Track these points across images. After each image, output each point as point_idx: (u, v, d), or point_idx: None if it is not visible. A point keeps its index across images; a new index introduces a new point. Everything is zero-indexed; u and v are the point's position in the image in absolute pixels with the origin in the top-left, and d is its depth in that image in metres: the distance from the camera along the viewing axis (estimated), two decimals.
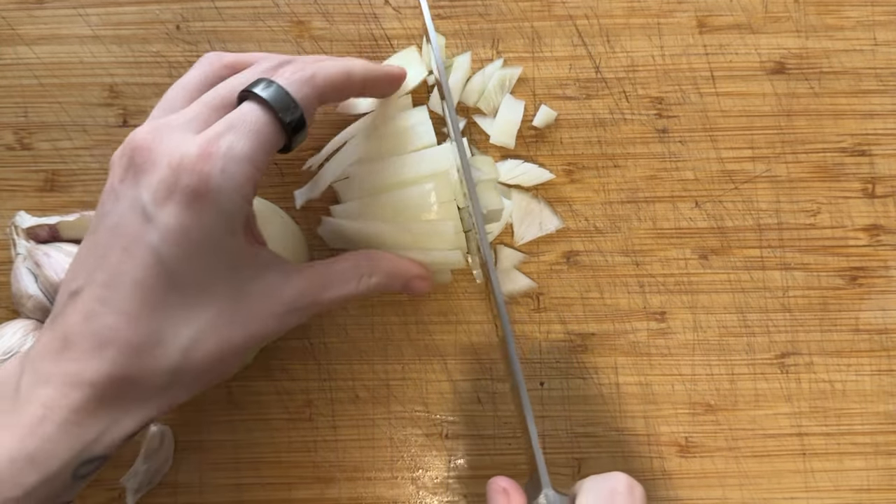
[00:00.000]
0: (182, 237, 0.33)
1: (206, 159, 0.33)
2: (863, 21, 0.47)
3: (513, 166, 0.46)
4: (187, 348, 0.34)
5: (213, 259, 0.34)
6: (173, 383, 0.34)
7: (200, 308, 0.34)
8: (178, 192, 0.32)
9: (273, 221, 0.44)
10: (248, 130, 0.34)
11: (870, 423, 0.46)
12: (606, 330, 0.46)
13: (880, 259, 0.46)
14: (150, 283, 0.33)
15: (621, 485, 0.35)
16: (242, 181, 0.33)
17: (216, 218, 0.33)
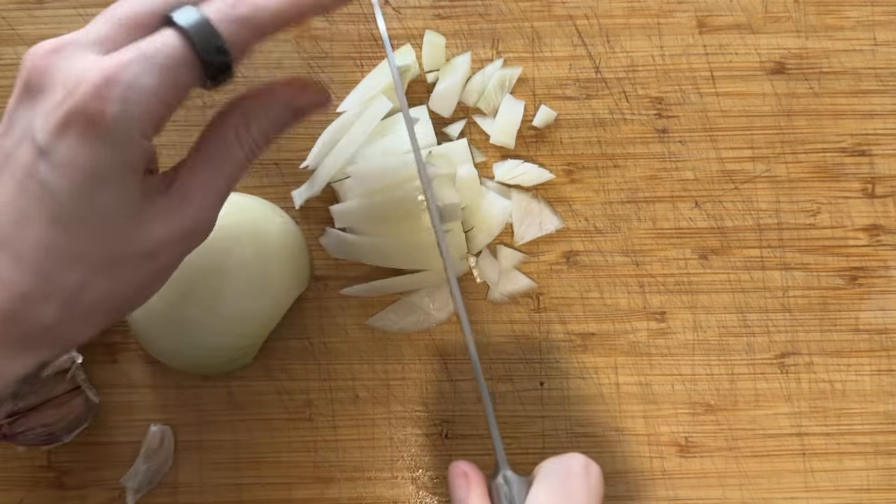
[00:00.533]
0: (75, 172, 0.29)
1: (106, 87, 0.29)
2: (863, 21, 0.47)
3: (513, 166, 0.46)
4: (75, 292, 0.31)
5: (106, 198, 0.30)
6: (62, 326, 0.31)
7: (90, 249, 0.31)
8: (73, 121, 0.29)
9: (273, 222, 0.44)
10: (159, 63, 0.30)
11: (870, 423, 0.46)
12: (606, 330, 0.46)
13: (880, 259, 0.46)
14: (40, 222, 0.30)
15: (577, 465, 0.35)
16: (143, 117, 0.30)
17: (111, 153, 0.30)
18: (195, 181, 0.33)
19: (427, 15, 0.47)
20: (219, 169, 0.33)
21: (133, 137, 0.30)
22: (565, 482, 0.35)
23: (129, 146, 0.30)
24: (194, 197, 0.32)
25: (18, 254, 0.30)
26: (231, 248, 0.42)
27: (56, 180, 0.29)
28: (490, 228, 0.46)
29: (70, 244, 0.30)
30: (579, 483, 0.34)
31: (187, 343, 0.42)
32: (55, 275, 0.30)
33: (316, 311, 0.46)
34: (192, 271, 0.41)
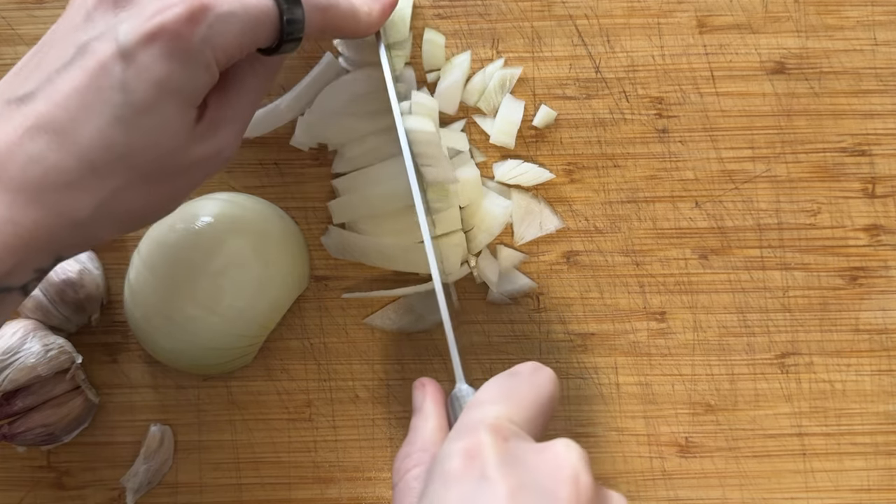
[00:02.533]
0: (150, 80, 0.31)
1: (201, 12, 0.32)
2: (863, 21, 0.47)
3: (512, 166, 0.46)
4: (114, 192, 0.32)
5: (168, 112, 0.32)
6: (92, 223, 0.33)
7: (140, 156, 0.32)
8: (162, 35, 0.31)
9: (273, 222, 0.44)
10: (250, 11, 0.33)
11: (870, 423, 0.46)
12: (606, 330, 0.46)
13: (880, 259, 0.46)
14: (103, 117, 0.31)
15: (525, 367, 0.35)
16: (223, 51, 0.33)
17: (187, 73, 0.32)
18: (225, 112, 0.35)
19: (427, 15, 0.47)
20: (244, 98, 0.36)
21: (209, 65, 0.33)
22: (509, 379, 0.34)
23: (203, 72, 0.32)
24: (225, 125, 0.35)
25: (73, 142, 0.31)
26: (231, 248, 0.42)
27: (132, 82, 0.31)
28: (490, 228, 0.46)
29: (125, 145, 0.32)
30: (523, 380, 0.34)
31: (187, 343, 0.42)
32: (103, 171, 0.32)
33: (316, 311, 0.46)
34: (192, 271, 0.41)
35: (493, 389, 0.34)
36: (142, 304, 0.42)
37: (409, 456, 0.35)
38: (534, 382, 0.34)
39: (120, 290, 0.45)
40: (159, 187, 0.34)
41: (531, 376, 0.34)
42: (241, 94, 0.36)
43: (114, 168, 0.32)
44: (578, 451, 0.31)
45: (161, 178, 0.34)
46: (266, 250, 0.43)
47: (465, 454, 0.30)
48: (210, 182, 0.46)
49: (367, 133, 0.45)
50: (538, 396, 0.34)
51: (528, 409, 0.33)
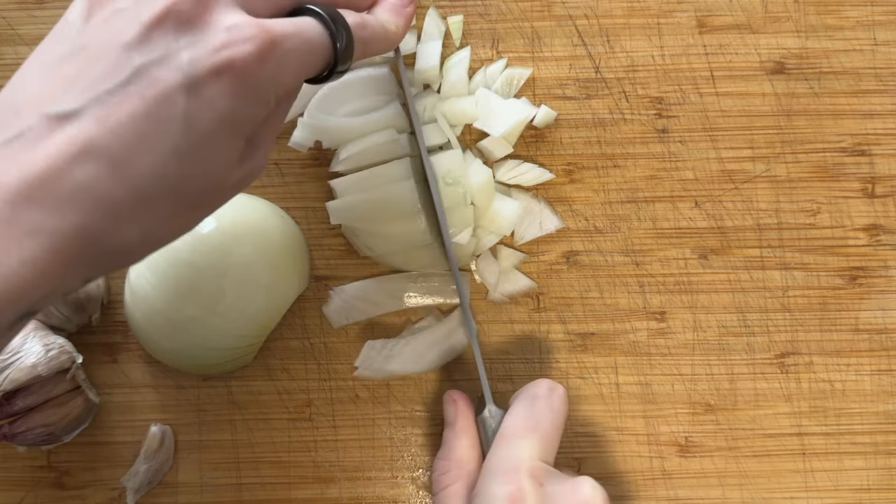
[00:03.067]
0: (214, 114, 0.30)
1: (270, 48, 0.31)
2: (863, 21, 0.47)
3: (512, 166, 0.46)
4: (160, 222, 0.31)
5: (226, 145, 0.31)
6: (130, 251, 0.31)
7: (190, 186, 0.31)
8: (231, 69, 0.30)
9: (273, 222, 0.44)
10: (309, 44, 0.33)
11: (870, 423, 0.46)
12: (606, 330, 0.46)
13: (880, 259, 0.46)
14: (161, 148, 0.30)
15: (542, 389, 0.40)
16: (284, 86, 0.32)
17: (249, 109, 0.31)
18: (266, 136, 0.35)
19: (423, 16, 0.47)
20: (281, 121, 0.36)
21: (270, 101, 0.32)
22: (532, 406, 0.39)
23: (264, 107, 0.32)
24: (264, 147, 0.35)
25: (127, 172, 0.29)
26: (231, 248, 0.42)
27: (196, 114, 0.30)
28: (500, 229, 0.45)
29: (178, 177, 0.30)
30: (544, 405, 0.39)
31: (187, 343, 0.42)
32: (153, 204, 0.30)
33: (316, 311, 0.46)
34: (192, 271, 0.41)
35: (520, 420, 0.39)
36: (142, 304, 0.42)
37: (449, 472, 0.40)
38: (553, 406, 0.39)
39: (120, 290, 0.45)
40: (199, 212, 0.33)
41: (549, 399, 0.40)
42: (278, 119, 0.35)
43: (165, 199, 0.31)
44: (601, 493, 0.37)
45: (204, 205, 0.33)
46: (266, 250, 0.43)
47: (510, 499, 0.36)
48: None
49: (364, 134, 0.45)
50: (558, 421, 0.39)
51: (552, 436, 0.39)
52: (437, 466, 0.41)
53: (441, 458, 0.41)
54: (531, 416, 0.39)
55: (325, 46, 0.34)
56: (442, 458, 0.41)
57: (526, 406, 0.39)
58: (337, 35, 0.34)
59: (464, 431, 0.42)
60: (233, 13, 0.31)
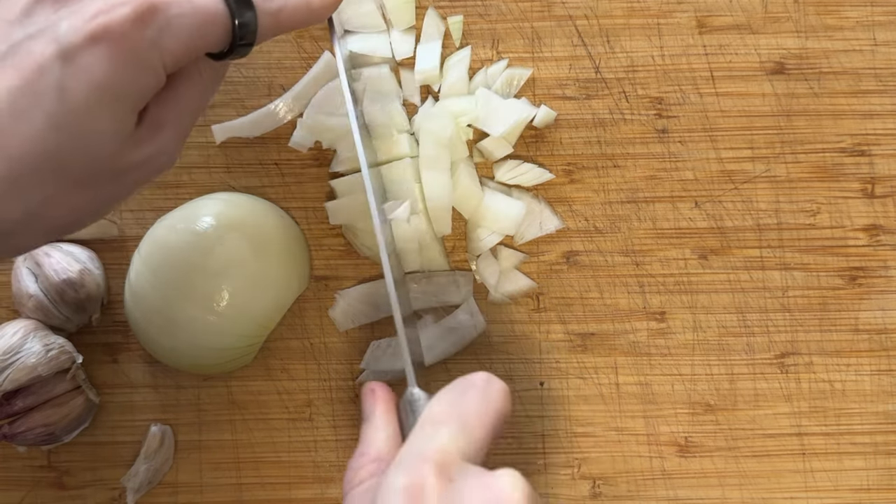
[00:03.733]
0: (92, 84, 0.29)
1: (149, 13, 0.30)
2: (863, 21, 0.47)
3: (512, 166, 0.46)
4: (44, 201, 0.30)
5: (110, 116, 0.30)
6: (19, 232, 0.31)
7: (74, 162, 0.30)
8: (107, 36, 0.29)
9: (273, 222, 0.44)
10: (200, 12, 0.32)
11: (870, 423, 0.46)
12: (606, 330, 0.46)
13: (880, 259, 0.46)
14: (37, 122, 0.29)
15: (478, 379, 0.34)
16: (172, 53, 0.31)
17: (132, 76, 0.30)
18: (166, 116, 0.33)
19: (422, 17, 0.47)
20: (187, 103, 0.34)
21: (156, 69, 0.31)
22: (462, 393, 0.34)
23: (149, 76, 0.31)
24: (165, 130, 0.33)
25: (6, 144, 0.29)
26: (231, 248, 0.42)
27: (72, 85, 0.29)
28: (502, 230, 0.45)
29: (58, 151, 0.30)
30: (476, 395, 0.33)
31: (187, 343, 0.42)
32: (33, 179, 0.30)
33: (316, 311, 0.46)
34: (192, 271, 0.41)
35: (445, 405, 0.33)
36: (142, 303, 0.42)
37: (363, 468, 0.35)
38: (486, 397, 0.34)
39: (120, 290, 0.45)
40: (90, 193, 0.32)
41: (484, 390, 0.34)
42: (184, 98, 0.34)
43: (45, 175, 0.30)
44: (523, 489, 0.30)
45: (93, 184, 0.32)
46: (266, 250, 0.43)
47: (408, 494, 0.30)
48: (210, 182, 0.46)
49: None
50: (489, 413, 0.33)
51: (479, 429, 0.33)
52: (351, 464, 0.36)
53: (357, 454, 0.36)
54: (457, 403, 0.33)
55: (222, 18, 0.32)
56: (357, 454, 0.36)
57: (453, 393, 0.34)
58: (234, 10, 0.33)
59: (382, 423, 0.37)
60: None
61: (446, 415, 0.33)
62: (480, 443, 0.32)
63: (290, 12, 0.35)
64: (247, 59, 0.45)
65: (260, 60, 0.47)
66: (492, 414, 0.33)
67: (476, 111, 0.45)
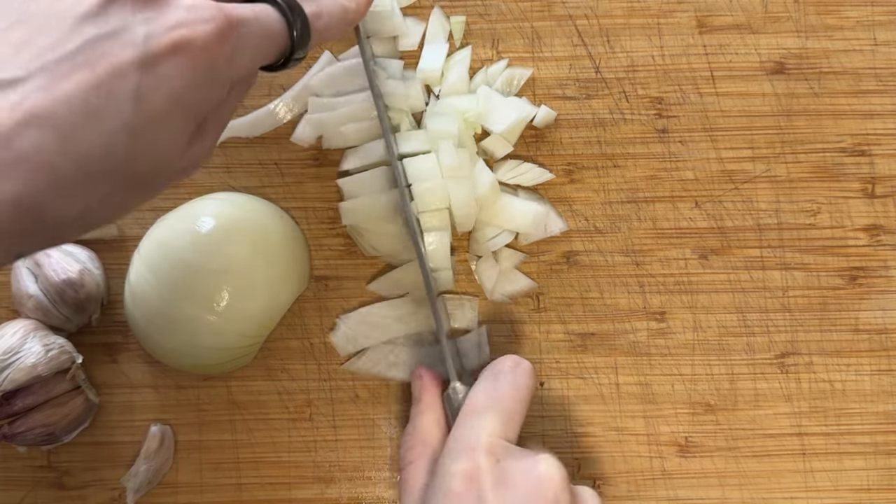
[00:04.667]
0: (168, 92, 0.29)
1: (228, 29, 0.31)
2: (863, 21, 0.47)
3: (512, 166, 0.46)
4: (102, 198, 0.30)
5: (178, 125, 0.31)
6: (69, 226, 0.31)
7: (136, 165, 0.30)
8: (188, 48, 0.29)
9: (273, 222, 0.44)
10: (267, 30, 0.33)
11: (870, 423, 0.46)
12: (606, 330, 0.46)
13: (880, 259, 0.46)
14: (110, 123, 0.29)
15: (506, 365, 0.40)
16: (242, 69, 0.32)
17: (205, 89, 0.31)
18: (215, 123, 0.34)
19: (427, 15, 0.47)
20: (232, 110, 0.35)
21: (226, 82, 0.32)
22: (494, 382, 0.39)
23: (219, 89, 0.32)
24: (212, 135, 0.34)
25: (74, 145, 0.28)
26: (231, 248, 0.42)
27: (149, 91, 0.29)
28: (517, 229, 0.45)
29: (125, 154, 0.30)
30: (506, 381, 0.39)
31: (187, 343, 0.42)
32: (98, 178, 0.29)
33: (316, 311, 0.46)
34: (192, 271, 0.41)
35: (481, 396, 0.39)
36: (142, 303, 0.42)
37: (412, 448, 0.40)
38: (516, 382, 0.39)
39: (120, 290, 0.45)
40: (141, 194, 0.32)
41: (513, 375, 0.40)
42: (230, 107, 0.35)
43: (110, 175, 0.30)
44: (559, 471, 0.36)
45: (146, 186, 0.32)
46: (266, 250, 0.43)
47: (466, 477, 0.36)
48: (210, 182, 0.46)
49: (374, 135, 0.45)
50: (520, 395, 0.39)
51: (514, 412, 0.39)
52: (403, 442, 0.41)
53: (406, 433, 0.41)
54: (492, 392, 0.39)
55: (282, 34, 0.34)
56: (407, 433, 0.41)
57: (488, 382, 0.39)
58: (293, 23, 0.34)
59: (428, 408, 0.42)
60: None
61: (484, 404, 0.39)
62: (517, 423, 0.39)
63: (331, 22, 0.37)
64: None
65: None
66: (523, 395, 0.39)
67: (478, 108, 0.45)
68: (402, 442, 0.41)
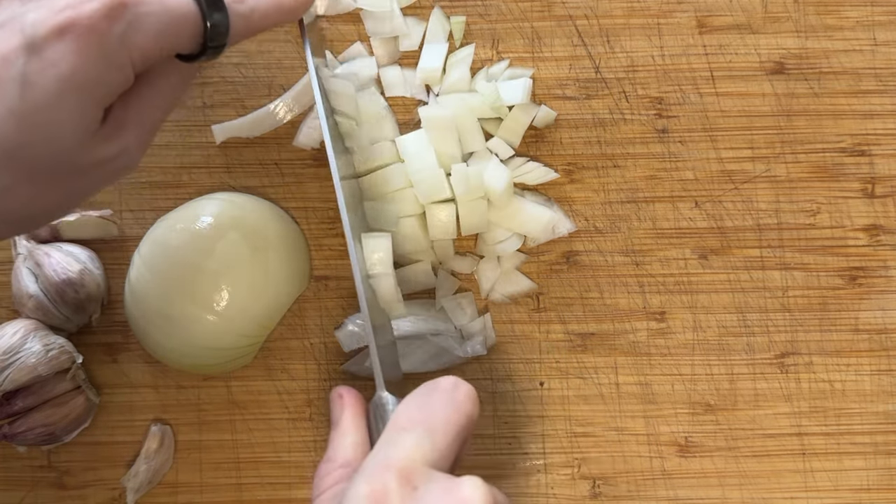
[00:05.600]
0: (58, 76, 0.29)
1: (118, 7, 0.30)
2: (862, 21, 0.47)
3: (517, 164, 0.46)
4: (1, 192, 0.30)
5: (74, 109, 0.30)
6: None
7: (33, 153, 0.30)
8: (75, 28, 0.29)
9: (273, 222, 0.44)
10: (171, 11, 0.32)
11: (869, 423, 0.46)
12: (606, 330, 0.46)
13: (880, 259, 0.46)
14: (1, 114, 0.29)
15: (445, 382, 0.35)
16: (141, 49, 0.31)
17: (99, 71, 0.30)
18: (132, 115, 0.33)
19: (427, 15, 0.47)
20: (155, 102, 0.34)
21: (124, 64, 0.31)
22: (429, 396, 0.34)
23: (117, 72, 0.31)
24: (131, 129, 0.33)
25: None
26: (231, 248, 0.42)
27: (36, 76, 0.29)
28: (529, 233, 0.45)
29: (17, 141, 0.29)
30: (442, 400, 0.34)
31: (187, 343, 0.42)
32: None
33: (316, 311, 0.46)
34: (192, 271, 0.42)
35: (412, 410, 0.34)
36: (142, 303, 0.42)
37: (330, 474, 0.35)
38: (453, 402, 0.34)
39: (120, 290, 0.45)
40: (51, 188, 0.32)
41: (451, 394, 0.34)
42: (151, 97, 0.34)
43: (3, 165, 0.29)
44: (484, 496, 0.30)
45: (53, 179, 0.31)
46: (266, 250, 0.43)
47: (372, 500, 0.30)
48: (210, 182, 0.46)
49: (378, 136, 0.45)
50: (456, 418, 0.33)
51: (444, 435, 0.33)
52: (319, 469, 0.36)
53: (324, 460, 0.36)
54: (424, 407, 0.34)
55: (193, 18, 0.32)
56: (325, 460, 0.36)
57: (422, 396, 0.34)
58: (206, 8, 0.33)
59: (348, 430, 0.37)
60: None
61: (412, 420, 0.33)
62: (447, 449, 0.32)
63: (261, 13, 0.35)
64: (247, 58, 0.45)
65: (260, 60, 0.47)
66: (458, 419, 0.33)
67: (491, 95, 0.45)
68: (319, 469, 0.36)
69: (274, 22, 0.37)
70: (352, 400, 0.38)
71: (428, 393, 0.34)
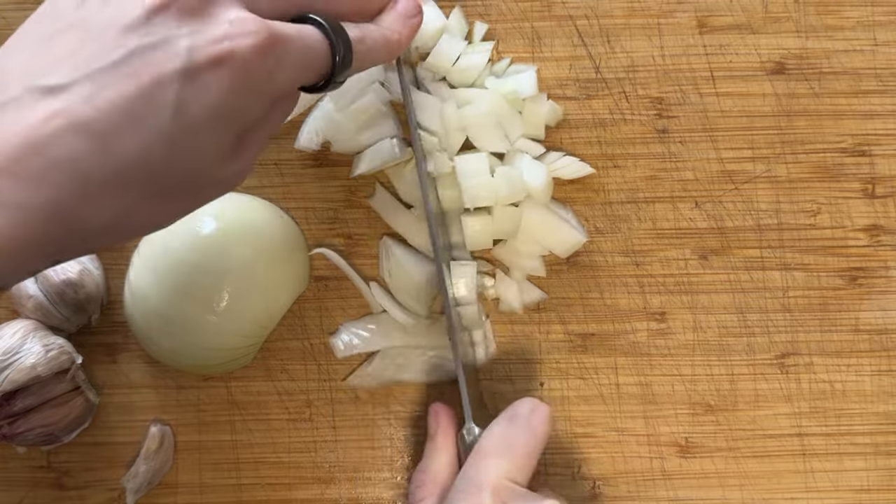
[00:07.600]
0: (209, 104, 0.30)
1: (271, 45, 0.31)
2: (863, 21, 0.47)
3: (554, 158, 0.45)
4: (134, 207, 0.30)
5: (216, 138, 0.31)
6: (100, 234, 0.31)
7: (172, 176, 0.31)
8: (230, 61, 0.30)
9: (273, 222, 0.44)
10: (309, 50, 0.33)
11: (870, 424, 0.46)
12: (606, 330, 0.46)
13: (880, 259, 0.46)
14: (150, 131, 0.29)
15: (523, 408, 0.40)
16: (282, 86, 0.32)
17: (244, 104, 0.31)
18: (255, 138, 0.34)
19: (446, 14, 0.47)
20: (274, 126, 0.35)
21: (266, 98, 0.32)
22: (509, 425, 0.39)
23: (258, 104, 0.32)
24: (252, 150, 0.34)
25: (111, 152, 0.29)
26: (231, 249, 0.42)
27: (189, 102, 0.29)
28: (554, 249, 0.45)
29: (161, 163, 0.30)
30: (522, 427, 0.39)
31: (187, 343, 0.42)
32: (132, 186, 0.30)
33: (316, 311, 0.46)
34: (192, 271, 0.41)
35: (495, 439, 0.39)
36: (142, 304, 0.42)
37: (423, 486, 0.41)
38: (531, 426, 0.39)
39: (120, 290, 0.45)
40: (174, 204, 0.33)
41: (529, 419, 0.39)
42: (272, 124, 0.35)
43: (144, 183, 0.30)
44: None
45: (179, 196, 0.32)
46: (266, 250, 0.43)
47: None
48: None
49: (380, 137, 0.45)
50: (535, 441, 0.39)
51: (526, 458, 0.38)
52: (414, 479, 0.42)
53: (419, 470, 0.42)
54: (506, 436, 0.39)
55: (324, 55, 0.34)
56: (420, 470, 0.42)
57: (503, 425, 0.39)
58: (336, 46, 0.34)
59: (443, 447, 0.42)
60: (237, 9, 0.31)
61: (497, 448, 0.39)
62: (528, 467, 0.39)
63: (372, 49, 0.36)
64: None
65: None
66: (535, 442, 0.39)
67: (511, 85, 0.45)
68: (413, 478, 0.42)
69: (382, 59, 0.38)
70: (447, 420, 0.43)
71: (509, 420, 0.39)
